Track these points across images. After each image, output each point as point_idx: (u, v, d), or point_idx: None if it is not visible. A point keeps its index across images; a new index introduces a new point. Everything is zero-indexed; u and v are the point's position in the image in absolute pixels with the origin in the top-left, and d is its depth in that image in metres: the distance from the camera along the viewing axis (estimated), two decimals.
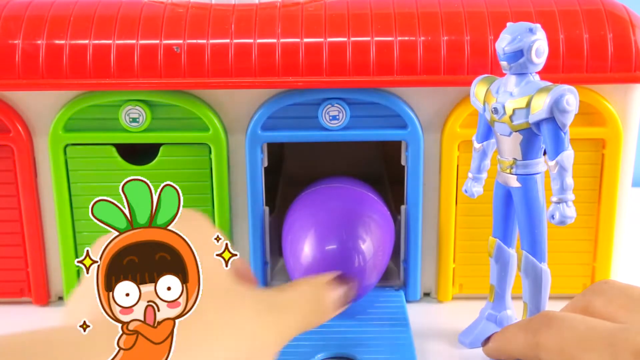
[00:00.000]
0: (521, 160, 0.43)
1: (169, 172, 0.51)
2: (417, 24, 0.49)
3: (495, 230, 0.46)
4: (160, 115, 0.50)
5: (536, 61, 0.41)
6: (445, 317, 0.52)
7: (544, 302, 0.44)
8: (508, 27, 0.42)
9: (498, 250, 0.46)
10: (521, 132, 0.42)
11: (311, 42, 0.48)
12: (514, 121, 0.42)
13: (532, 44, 0.41)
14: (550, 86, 0.40)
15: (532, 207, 0.43)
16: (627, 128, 0.50)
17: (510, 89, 0.42)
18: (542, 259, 0.44)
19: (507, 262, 0.46)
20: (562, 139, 0.40)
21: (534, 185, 0.43)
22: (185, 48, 0.48)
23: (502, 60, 0.42)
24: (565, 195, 0.40)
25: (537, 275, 0.44)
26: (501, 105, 0.42)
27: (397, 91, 0.49)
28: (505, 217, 0.45)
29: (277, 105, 0.49)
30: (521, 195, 0.43)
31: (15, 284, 0.54)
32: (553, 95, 0.40)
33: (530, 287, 0.44)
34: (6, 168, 0.51)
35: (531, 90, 0.41)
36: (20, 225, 0.52)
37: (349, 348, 0.46)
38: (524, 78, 0.42)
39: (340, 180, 0.53)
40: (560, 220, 0.40)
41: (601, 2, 0.50)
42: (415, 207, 0.51)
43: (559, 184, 0.40)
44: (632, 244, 0.60)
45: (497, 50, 0.42)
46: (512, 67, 0.41)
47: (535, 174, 0.43)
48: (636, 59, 0.48)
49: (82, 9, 0.50)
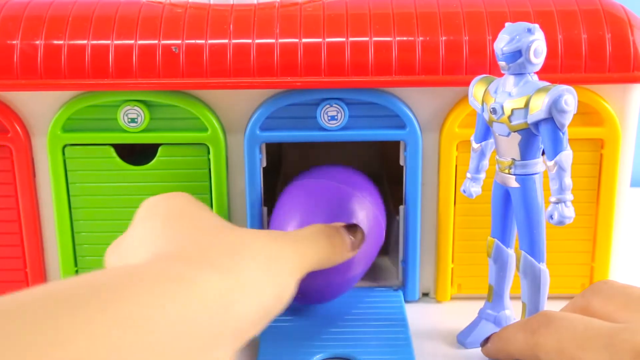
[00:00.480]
0: (520, 161, 0.43)
1: (168, 172, 0.51)
2: (416, 24, 0.49)
3: (494, 231, 0.46)
4: (159, 116, 0.50)
5: (535, 61, 0.41)
6: (443, 317, 0.52)
7: (542, 302, 0.44)
8: (506, 27, 0.42)
9: (496, 250, 0.46)
10: (520, 133, 0.42)
11: (310, 42, 0.48)
12: (512, 121, 0.42)
13: (531, 44, 0.41)
14: (548, 86, 0.40)
15: (531, 208, 0.43)
16: (625, 128, 0.50)
17: (508, 89, 0.42)
18: (541, 259, 0.44)
19: (506, 262, 0.46)
20: (561, 139, 0.40)
21: (532, 186, 0.43)
22: (183, 48, 0.48)
23: (500, 60, 0.42)
24: (564, 195, 0.40)
25: (536, 275, 0.44)
26: (500, 106, 0.42)
27: (396, 91, 0.50)
28: (503, 217, 0.45)
29: (276, 105, 0.49)
30: (520, 195, 0.43)
31: (13, 284, 0.53)
32: (552, 95, 0.40)
33: (529, 287, 0.44)
34: (4, 168, 0.51)
35: (530, 91, 0.41)
36: (18, 226, 0.52)
37: (347, 348, 0.46)
38: (523, 78, 0.42)
39: (333, 171, 0.53)
40: (559, 220, 0.40)
41: (599, 3, 0.50)
42: (413, 207, 0.51)
43: (557, 184, 0.40)
44: (630, 244, 0.60)
45: (496, 50, 0.42)
46: (510, 67, 0.41)
47: (533, 174, 0.43)
48: (634, 59, 0.48)
49: (80, 9, 0.50)
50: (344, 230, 0.45)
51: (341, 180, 0.51)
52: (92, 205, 0.51)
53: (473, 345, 0.47)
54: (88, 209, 0.52)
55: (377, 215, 0.50)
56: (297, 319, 0.50)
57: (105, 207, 0.51)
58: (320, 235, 0.43)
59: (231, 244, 0.36)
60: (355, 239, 0.46)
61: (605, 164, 0.50)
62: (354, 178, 0.52)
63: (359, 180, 0.52)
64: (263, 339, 0.47)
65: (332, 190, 0.50)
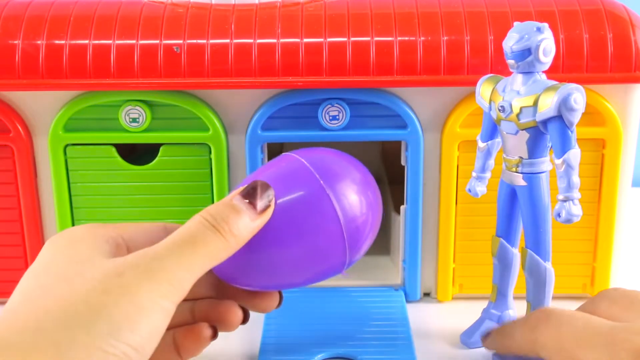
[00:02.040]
0: (527, 159, 0.43)
1: (169, 172, 0.51)
2: (417, 24, 0.49)
3: (499, 229, 0.46)
4: (160, 115, 0.50)
5: (543, 60, 0.41)
6: (445, 317, 0.52)
7: (547, 301, 0.44)
8: (515, 26, 0.42)
9: (501, 249, 0.46)
10: (528, 131, 0.42)
11: (311, 42, 0.48)
12: (520, 119, 0.42)
13: (540, 42, 0.41)
14: (557, 85, 0.40)
15: (538, 206, 0.43)
16: (627, 128, 0.50)
17: (517, 87, 0.42)
18: (546, 258, 0.44)
19: (511, 261, 0.46)
20: (569, 137, 0.40)
21: (539, 184, 0.43)
22: (185, 48, 0.48)
23: (509, 58, 0.42)
24: (572, 193, 0.40)
25: (541, 274, 0.44)
26: (508, 104, 0.42)
27: (397, 91, 0.50)
28: (509, 216, 0.45)
29: (277, 105, 0.49)
30: (527, 193, 0.43)
31: (15, 284, 0.53)
32: (561, 93, 0.40)
33: (534, 286, 0.44)
34: (6, 168, 0.51)
35: (538, 89, 0.41)
36: (20, 225, 0.52)
37: (349, 348, 0.46)
38: (531, 77, 0.42)
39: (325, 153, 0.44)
40: (567, 218, 0.40)
41: (601, 2, 0.50)
42: (415, 207, 0.51)
43: (565, 182, 0.40)
44: (632, 244, 0.60)
45: (505, 48, 0.42)
46: (519, 65, 0.41)
47: (540, 173, 0.43)
48: (636, 59, 0.48)
49: (82, 9, 0.50)
50: (238, 199, 0.38)
51: (315, 160, 0.42)
52: (94, 205, 0.51)
53: (476, 345, 0.47)
54: (89, 209, 0.52)
55: (323, 196, 0.40)
56: (298, 319, 0.50)
57: (106, 207, 0.52)
58: (194, 235, 0.36)
59: (74, 318, 0.33)
60: (261, 200, 0.38)
61: (607, 164, 0.50)
62: (335, 166, 0.42)
63: (344, 168, 0.42)
64: (265, 337, 0.47)
65: (290, 163, 0.42)
